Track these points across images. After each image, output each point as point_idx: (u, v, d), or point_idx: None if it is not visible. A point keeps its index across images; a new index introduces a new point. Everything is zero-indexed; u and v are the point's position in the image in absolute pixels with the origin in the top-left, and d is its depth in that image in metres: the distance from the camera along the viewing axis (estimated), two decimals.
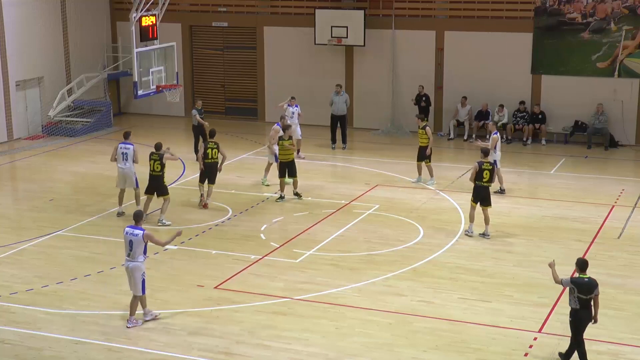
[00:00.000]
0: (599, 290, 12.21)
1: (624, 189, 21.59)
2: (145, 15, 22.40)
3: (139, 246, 13.49)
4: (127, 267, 13.62)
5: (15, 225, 19.48)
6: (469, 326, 13.71)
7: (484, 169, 18.00)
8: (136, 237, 13.46)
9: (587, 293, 12.07)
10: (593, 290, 12.10)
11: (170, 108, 29.83)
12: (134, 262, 13.54)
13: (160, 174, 18.93)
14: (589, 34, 26.44)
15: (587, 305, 12.12)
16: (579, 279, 12.16)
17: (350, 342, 13.14)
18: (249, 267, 16.27)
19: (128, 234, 13.53)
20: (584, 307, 12.12)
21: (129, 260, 13.58)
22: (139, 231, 13.49)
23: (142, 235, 13.46)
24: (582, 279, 12.17)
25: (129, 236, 13.52)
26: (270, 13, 30.03)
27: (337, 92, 26.31)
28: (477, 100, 27.56)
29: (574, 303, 12.17)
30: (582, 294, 12.08)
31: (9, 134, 27.51)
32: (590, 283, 12.11)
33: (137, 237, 13.46)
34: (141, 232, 13.48)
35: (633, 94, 26.36)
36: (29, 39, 27.86)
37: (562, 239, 17.92)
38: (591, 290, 12.09)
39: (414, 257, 16.78)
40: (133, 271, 13.55)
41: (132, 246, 13.49)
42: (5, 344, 13.12)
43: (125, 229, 13.67)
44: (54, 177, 23.39)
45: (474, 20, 27.72)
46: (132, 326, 13.66)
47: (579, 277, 12.21)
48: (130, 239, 13.49)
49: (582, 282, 12.13)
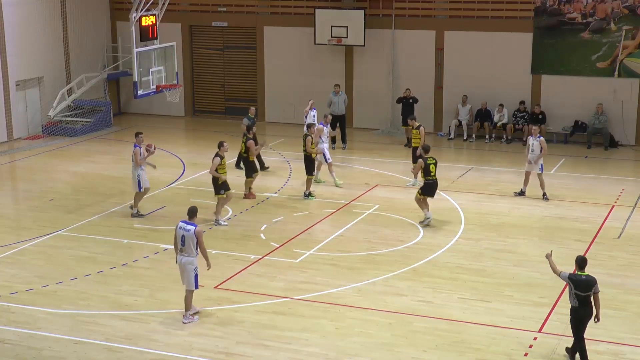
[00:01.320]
0: (599, 288, 12.25)
1: (623, 189, 21.60)
2: (145, 15, 22.40)
3: (191, 242, 13.62)
4: (180, 261, 13.77)
5: (15, 225, 19.49)
6: (468, 326, 13.72)
7: (429, 164, 18.67)
8: (188, 233, 13.61)
9: (585, 290, 12.15)
10: (591, 288, 12.16)
11: (170, 108, 29.83)
12: (186, 257, 13.71)
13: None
14: (589, 34, 26.45)
15: (585, 303, 12.19)
16: (577, 276, 12.26)
17: (350, 342, 13.15)
18: (249, 267, 16.27)
19: (181, 229, 13.70)
20: (582, 304, 12.20)
21: (182, 255, 13.74)
22: (191, 227, 13.65)
23: (194, 231, 13.60)
24: (579, 276, 12.25)
25: (181, 231, 13.67)
26: (270, 13, 30.03)
27: (336, 92, 26.34)
28: (477, 100, 27.55)
29: (573, 301, 12.29)
30: (579, 291, 12.17)
31: (9, 134, 27.51)
32: (588, 281, 12.18)
33: (190, 233, 13.60)
34: (193, 228, 13.63)
35: (633, 94, 26.36)
36: (29, 39, 27.86)
37: (562, 239, 17.92)
38: (589, 287, 12.16)
39: (414, 257, 16.78)
40: (185, 266, 13.71)
41: (185, 241, 13.66)
42: (5, 344, 13.12)
43: (179, 223, 13.80)
44: (54, 177, 23.39)
45: (474, 20, 27.73)
46: (187, 322, 13.79)
47: (576, 274, 12.30)
48: (182, 234, 13.65)
49: (579, 279, 12.20)
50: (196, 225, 13.71)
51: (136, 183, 19.08)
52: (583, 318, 12.26)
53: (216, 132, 28.48)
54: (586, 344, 12.36)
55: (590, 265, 16.14)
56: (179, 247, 13.75)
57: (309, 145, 20.44)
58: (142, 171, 19.06)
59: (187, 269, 13.70)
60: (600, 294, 12.10)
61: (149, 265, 16.45)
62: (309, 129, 20.96)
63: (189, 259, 13.70)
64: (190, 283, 13.75)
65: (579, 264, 12.37)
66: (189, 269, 13.70)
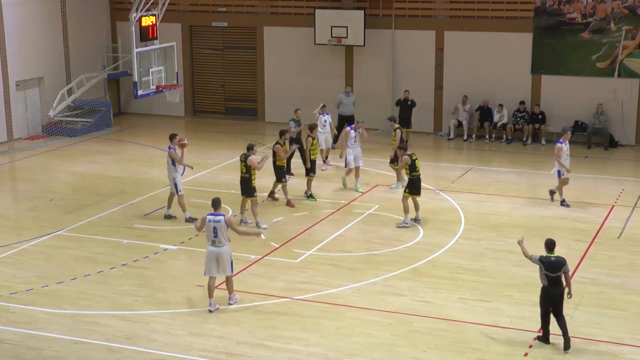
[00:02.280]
0: (569, 268, 12.91)
1: (623, 189, 21.60)
2: (145, 15, 22.39)
3: (223, 231, 14.10)
4: (215, 252, 14.17)
5: (15, 225, 19.49)
6: (468, 326, 13.72)
7: (414, 159, 18.62)
8: (219, 223, 14.08)
9: (555, 271, 12.77)
10: (560, 268, 12.78)
11: (170, 108, 29.81)
12: (223, 247, 14.15)
13: (247, 176, 18.39)
14: (589, 34, 26.45)
15: (555, 283, 12.80)
16: (546, 258, 12.87)
17: (350, 342, 13.15)
18: (249, 267, 16.27)
19: (211, 221, 14.11)
20: (552, 284, 12.82)
21: (216, 246, 14.14)
22: (220, 217, 14.14)
23: (224, 221, 14.09)
24: (549, 257, 12.88)
25: (212, 223, 14.10)
26: (270, 13, 30.03)
27: (347, 93, 26.21)
28: (478, 100, 27.54)
29: (543, 281, 12.90)
30: (549, 272, 12.78)
31: (9, 134, 27.51)
32: (557, 262, 12.81)
33: (220, 223, 14.08)
34: (223, 218, 14.13)
35: (633, 94, 26.36)
36: (29, 39, 27.86)
37: (562, 239, 17.87)
38: (558, 268, 12.78)
39: (414, 257, 16.78)
40: (222, 256, 14.16)
41: (217, 232, 14.09)
42: (5, 344, 13.12)
43: (207, 216, 14.17)
44: (54, 177, 23.39)
45: (474, 20, 27.73)
46: (233, 303, 14.43)
47: (546, 256, 12.89)
48: (214, 225, 14.09)
49: (549, 260, 12.83)
50: (224, 215, 14.21)
51: (174, 186, 18.90)
52: (553, 297, 12.83)
53: (216, 132, 28.51)
54: (586, 344, 12.34)
55: (590, 265, 16.28)
56: (212, 239, 14.15)
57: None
58: (177, 173, 18.86)
59: (224, 258, 14.19)
60: (600, 294, 12.17)
61: (149, 265, 16.45)
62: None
63: (224, 249, 14.18)
64: (227, 269, 14.29)
65: (548, 246, 12.97)
66: (226, 259, 14.20)
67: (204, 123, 30.47)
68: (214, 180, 22.16)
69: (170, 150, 18.89)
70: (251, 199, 18.49)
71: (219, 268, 14.29)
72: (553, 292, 12.86)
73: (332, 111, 26.58)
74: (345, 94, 26.32)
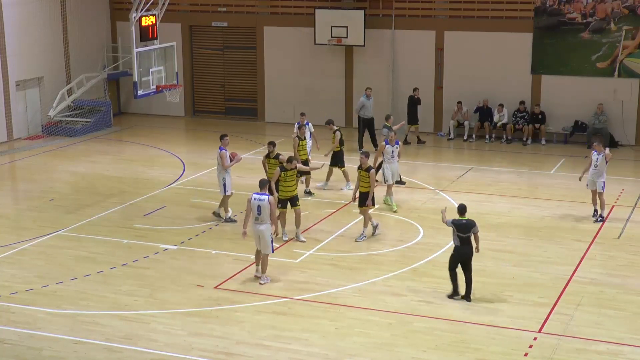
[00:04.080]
0: (478, 229, 14.60)
1: (623, 189, 21.59)
2: (145, 15, 22.39)
3: (266, 210, 15.16)
4: (257, 229, 15.32)
5: (15, 225, 19.49)
6: (468, 326, 13.72)
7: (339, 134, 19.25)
8: (263, 202, 15.18)
9: (465, 232, 14.52)
10: (470, 229, 14.53)
11: (170, 108, 29.82)
12: (263, 225, 15.25)
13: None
14: (589, 34, 26.44)
15: (466, 242, 14.56)
16: (458, 220, 14.65)
17: (350, 342, 13.15)
18: (249, 267, 16.27)
19: (255, 200, 15.25)
20: (463, 243, 14.57)
21: (258, 223, 15.27)
22: (265, 196, 15.23)
23: (267, 200, 15.17)
24: (460, 220, 14.65)
25: (256, 202, 15.23)
26: (270, 13, 30.03)
27: (368, 95, 25.71)
28: (477, 100, 27.53)
29: (455, 241, 14.63)
30: (461, 233, 14.53)
31: (9, 134, 27.51)
32: (468, 223, 14.58)
33: (264, 202, 15.18)
34: (267, 197, 15.22)
35: (633, 94, 26.35)
36: (29, 39, 27.86)
37: (562, 239, 17.92)
38: (468, 229, 14.53)
39: (414, 257, 16.78)
40: (263, 233, 15.25)
41: (260, 211, 15.19)
42: (5, 344, 13.13)
43: (252, 195, 15.28)
44: (54, 177, 23.39)
45: (474, 20, 27.73)
46: (264, 283, 15.32)
47: (458, 219, 14.66)
48: (257, 204, 15.22)
49: (460, 223, 14.60)
50: (269, 195, 15.28)
51: (222, 186, 18.81)
52: (464, 255, 14.56)
53: (216, 132, 28.40)
54: (585, 344, 12.34)
55: (590, 265, 16.28)
56: (255, 217, 15.23)
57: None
58: (227, 175, 18.75)
59: (265, 235, 15.25)
60: (600, 294, 12.18)
61: (149, 265, 16.45)
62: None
63: (266, 226, 15.25)
64: (267, 247, 15.34)
65: (460, 210, 14.77)
66: (266, 236, 15.26)
67: (204, 123, 30.46)
68: (214, 180, 22.12)
69: (221, 151, 18.78)
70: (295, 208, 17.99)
71: (259, 244, 15.38)
72: (464, 250, 14.57)
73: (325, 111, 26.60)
74: (366, 96, 25.81)
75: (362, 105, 25.87)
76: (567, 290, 15.07)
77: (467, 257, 14.60)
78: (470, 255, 14.60)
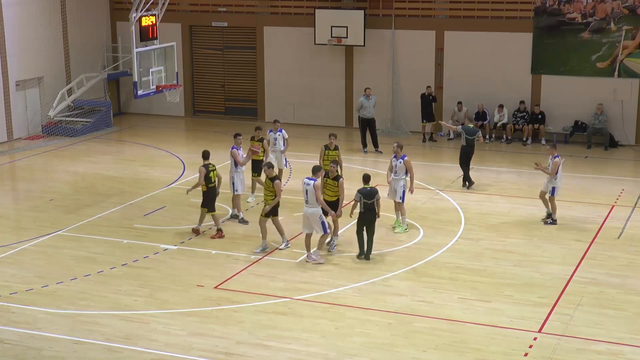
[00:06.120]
0: (380, 196, 16.39)
1: (623, 189, 21.60)
2: (145, 15, 22.41)
3: (311, 194, 16.15)
4: (305, 212, 16.31)
5: (15, 225, 19.49)
6: (468, 326, 13.72)
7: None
8: (309, 187, 16.19)
9: (370, 198, 16.24)
10: (374, 196, 16.24)
11: (170, 108, 29.84)
12: (312, 208, 16.23)
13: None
14: (589, 34, 26.44)
15: (371, 208, 16.27)
16: (363, 189, 16.34)
17: (350, 342, 13.15)
18: (249, 267, 16.27)
19: (305, 184, 16.29)
20: (367, 210, 16.28)
21: (307, 206, 16.27)
22: (312, 181, 16.22)
23: (313, 185, 16.15)
24: (365, 188, 16.34)
25: (305, 186, 16.29)
26: (270, 13, 30.03)
27: (367, 95, 25.79)
28: (477, 100, 27.54)
29: (361, 208, 16.28)
30: (366, 200, 16.24)
31: (9, 134, 27.51)
32: (372, 191, 16.32)
33: (310, 187, 16.18)
34: (313, 182, 16.20)
35: (633, 94, 26.36)
36: (29, 39, 27.86)
37: (562, 239, 17.93)
38: (372, 196, 16.25)
39: (414, 257, 16.79)
40: (313, 215, 16.22)
41: (308, 194, 16.22)
42: (5, 344, 13.13)
43: (304, 179, 16.33)
44: (54, 177, 23.40)
45: (474, 20, 27.73)
46: (311, 261, 16.27)
47: (363, 188, 16.36)
48: (306, 188, 16.25)
49: (365, 191, 16.29)
50: (316, 180, 16.17)
51: (231, 185, 18.89)
52: (367, 220, 16.28)
53: (216, 132, 28.50)
54: (585, 344, 12.33)
55: (590, 265, 16.29)
56: (305, 200, 16.26)
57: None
58: (236, 174, 18.73)
59: (312, 217, 16.21)
60: (600, 294, 12.21)
61: (149, 265, 16.45)
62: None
63: (314, 209, 16.22)
64: (320, 229, 16.31)
65: (365, 179, 16.51)
66: (316, 219, 16.20)
67: (204, 123, 30.47)
68: None
69: (232, 150, 18.79)
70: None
71: (308, 227, 16.32)
72: (368, 216, 16.29)
73: (324, 111, 26.59)
74: (365, 97, 25.86)
75: (361, 105, 25.91)
76: (567, 290, 15.08)
77: (370, 222, 16.36)
78: (373, 220, 16.37)
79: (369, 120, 25.84)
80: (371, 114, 25.85)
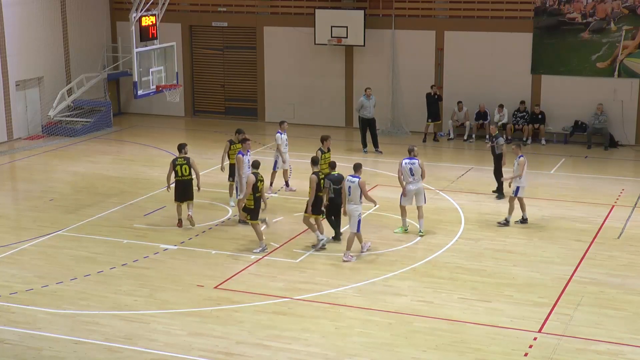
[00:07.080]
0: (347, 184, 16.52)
1: (623, 189, 21.60)
2: (145, 15, 22.39)
3: (356, 191, 16.37)
4: (348, 209, 16.47)
5: (15, 225, 19.49)
6: (468, 326, 13.72)
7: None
8: (353, 184, 16.39)
9: (338, 184, 16.74)
10: (341, 182, 16.68)
11: (170, 108, 29.83)
12: (353, 205, 16.40)
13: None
14: (589, 34, 26.44)
15: (338, 194, 16.76)
16: (331, 175, 16.95)
17: (349, 342, 13.15)
18: (249, 267, 16.27)
19: (348, 181, 16.50)
20: (337, 195, 16.80)
21: (349, 203, 16.43)
22: (356, 179, 16.44)
23: (358, 183, 16.37)
24: (333, 174, 16.94)
25: (348, 183, 16.48)
26: (270, 13, 30.03)
27: (367, 95, 25.73)
28: (477, 100, 27.54)
29: (331, 193, 16.82)
30: (335, 185, 16.77)
31: (9, 134, 27.51)
32: (339, 176, 16.86)
33: (354, 184, 16.39)
34: (357, 180, 16.40)
35: (633, 94, 26.35)
36: (29, 39, 27.86)
37: (562, 239, 17.92)
38: (340, 182, 16.73)
39: (414, 257, 16.78)
40: (352, 212, 16.38)
41: (351, 191, 16.41)
42: (5, 344, 13.13)
43: (347, 177, 16.56)
44: (54, 177, 23.40)
45: (474, 20, 27.73)
46: (347, 260, 16.37)
47: (331, 174, 16.95)
48: (349, 185, 16.45)
49: (333, 177, 16.90)
50: (360, 177, 16.44)
51: (235, 190, 18.97)
52: (336, 205, 16.86)
53: (216, 132, 28.50)
54: (585, 344, 12.32)
55: (590, 265, 16.29)
56: (347, 197, 16.42)
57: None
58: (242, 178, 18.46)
59: (354, 215, 16.36)
60: (600, 294, 12.23)
61: (149, 265, 16.45)
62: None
63: (355, 206, 16.40)
64: (354, 226, 16.41)
65: (331, 166, 17.21)
66: (354, 216, 16.36)
67: (204, 123, 30.47)
68: (214, 180, 22.15)
69: (238, 155, 18.62)
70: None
71: (350, 223, 16.48)
72: (337, 201, 16.82)
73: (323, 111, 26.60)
74: (365, 97, 25.81)
75: (361, 105, 25.89)
76: (567, 290, 15.08)
77: (338, 208, 16.92)
78: (341, 204, 16.75)
79: (369, 120, 25.82)
80: (371, 114, 25.82)
